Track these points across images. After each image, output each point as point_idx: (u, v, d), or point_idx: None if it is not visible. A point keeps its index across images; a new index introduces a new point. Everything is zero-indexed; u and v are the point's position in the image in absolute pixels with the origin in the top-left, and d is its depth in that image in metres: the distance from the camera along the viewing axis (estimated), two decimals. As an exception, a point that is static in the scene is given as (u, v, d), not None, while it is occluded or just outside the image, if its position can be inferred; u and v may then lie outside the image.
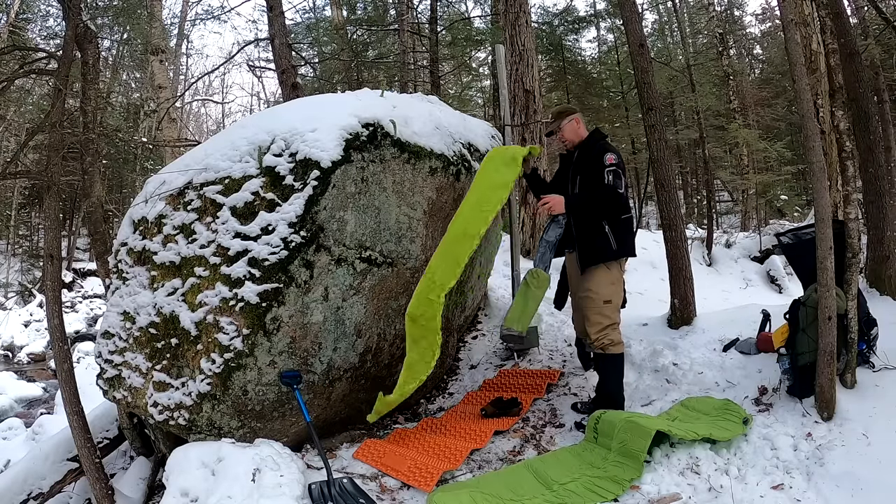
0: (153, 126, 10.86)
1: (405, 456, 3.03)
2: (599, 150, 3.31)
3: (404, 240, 3.41)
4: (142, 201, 3.34)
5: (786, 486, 2.48)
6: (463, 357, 4.67)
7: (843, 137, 3.32)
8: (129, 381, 3.11)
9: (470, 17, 13.51)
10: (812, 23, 4.02)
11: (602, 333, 3.27)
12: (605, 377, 3.36)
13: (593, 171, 3.26)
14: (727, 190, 15.62)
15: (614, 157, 3.24)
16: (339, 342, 3.21)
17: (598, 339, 3.27)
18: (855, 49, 4.20)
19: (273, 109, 3.82)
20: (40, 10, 14.21)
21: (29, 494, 3.48)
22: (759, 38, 18.25)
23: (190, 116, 23.64)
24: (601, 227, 3.25)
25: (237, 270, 2.86)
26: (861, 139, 4.19)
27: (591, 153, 3.34)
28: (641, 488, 2.61)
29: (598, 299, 3.28)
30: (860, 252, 3.14)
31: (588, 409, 3.43)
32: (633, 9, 4.65)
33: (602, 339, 3.27)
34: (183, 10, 16.51)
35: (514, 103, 6.54)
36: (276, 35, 6.37)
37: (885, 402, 2.82)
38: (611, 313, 3.30)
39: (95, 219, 4.22)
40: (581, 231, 3.32)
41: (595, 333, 3.28)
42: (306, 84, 10.62)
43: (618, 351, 3.31)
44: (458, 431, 3.38)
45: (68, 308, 12.71)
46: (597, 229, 3.26)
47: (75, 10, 3.80)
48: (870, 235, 4.19)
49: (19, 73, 4.32)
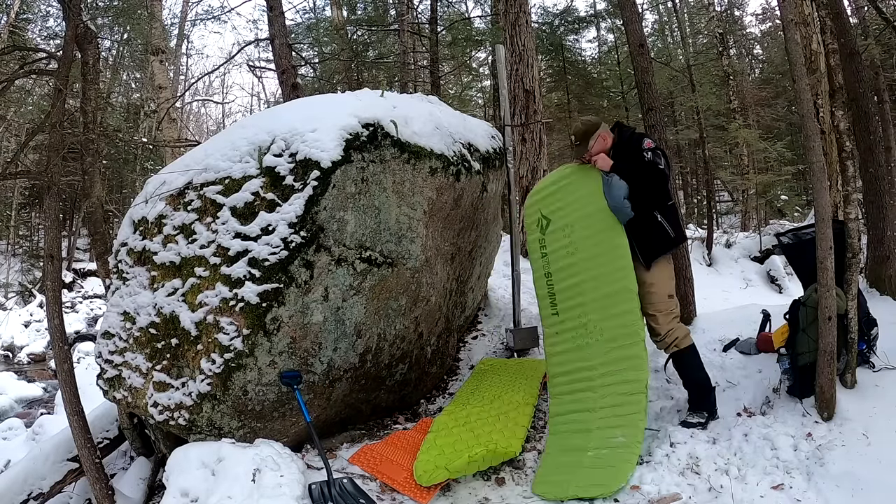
0: (153, 126, 10.86)
1: (402, 465, 3.02)
2: (636, 137, 3.19)
3: (404, 240, 3.41)
4: (142, 201, 3.34)
5: (786, 486, 2.48)
6: (463, 357, 4.67)
7: (843, 137, 3.31)
8: (129, 381, 3.11)
9: (470, 17, 13.51)
10: (812, 23, 4.02)
11: (671, 330, 3.18)
12: (690, 371, 3.25)
13: (634, 159, 3.11)
14: (727, 190, 15.61)
15: (651, 141, 3.15)
16: (339, 342, 3.21)
17: (668, 335, 3.19)
18: (855, 49, 4.20)
19: (273, 110, 3.83)
20: (40, 11, 14.22)
21: (29, 495, 3.48)
22: (759, 38, 18.23)
23: (190, 117, 23.64)
24: (654, 217, 3.14)
25: (237, 271, 2.86)
26: (861, 139, 4.19)
27: (627, 145, 3.20)
28: (642, 488, 2.62)
29: (662, 294, 3.19)
30: (860, 252, 3.13)
31: None
32: (633, 9, 4.65)
33: (673, 334, 3.19)
34: (183, 10, 16.52)
35: (514, 103, 6.53)
36: (276, 35, 6.37)
37: (885, 402, 2.82)
38: (675, 307, 3.24)
39: (95, 219, 4.22)
40: (635, 228, 3.16)
41: (665, 331, 3.18)
42: (306, 84, 10.62)
43: (690, 342, 3.23)
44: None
45: (68, 308, 12.70)
46: (650, 221, 3.13)
47: (75, 10, 3.80)
48: (870, 235, 4.19)
49: (19, 74, 4.32)
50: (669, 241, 3.18)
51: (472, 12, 14.48)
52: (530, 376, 3.93)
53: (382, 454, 3.17)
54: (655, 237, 3.15)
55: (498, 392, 3.73)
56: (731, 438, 2.86)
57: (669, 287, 3.23)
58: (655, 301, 3.18)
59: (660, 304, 3.19)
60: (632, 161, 3.12)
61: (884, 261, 4.04)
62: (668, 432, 3.05)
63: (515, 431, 3.22)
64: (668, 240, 3.17)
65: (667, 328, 3.19)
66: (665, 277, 3.22)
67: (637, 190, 3.10)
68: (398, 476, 2.94)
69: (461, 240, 4.13)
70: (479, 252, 4.57)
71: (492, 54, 12.64)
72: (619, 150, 3.25)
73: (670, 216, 3.18)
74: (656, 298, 3.18)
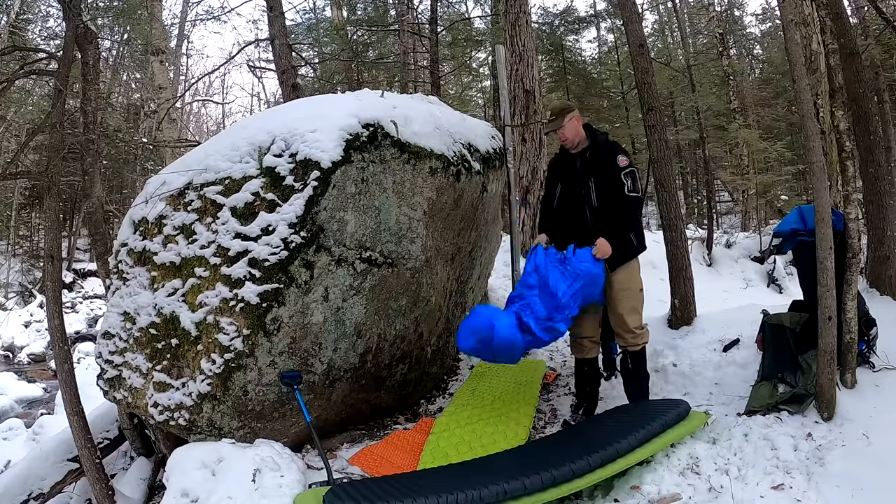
0: (153, 127, 10.84)
1: (401, 468, 3.01)
2: (609, 150, 3.23)
3: (404, 240, 3.41)
4: (142, 202, 3.34)
5: (786, 486, 2.48)
6: (463, 357, 4.67)
7: (843, 137, 3.31)
8: (129, 381, 3.11)
9: (470, 17, 13.52)
10: (812, 23, 4.00)
11: (640, 329, 3.23)
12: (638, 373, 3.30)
13: (608, 176, 3.17)
14: (727, 190, 15.61)
15: (626, 158, 3.19)
16: (339, 342, 3.21)
17: (637, 335, 3.23)
18: (855, 49, 4.20)
19: (273, 110, 3.83)
20: (40, 11, 14.21)
21: (29, 495, 3.48)
22: (759, 38, 18.24)
23: (190, 117, 23.63)
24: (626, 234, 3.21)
25: (237, 271, 2.86)
26: (861, 139, 4.19)
27: (600, 155, 3.25)
28: (642, 488, 2.61)
29: (634, 289, 3.24)
30: (860, 252, 3.14)
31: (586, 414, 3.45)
32: (633, 9, 4.65)
33: (642, 336, 3.24)
34: (183, 10, 16.55)
35: (514, 103, 6.54)
36: (276, 35, 6.37)
37: (885, 402, 2.82)
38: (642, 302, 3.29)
39: (96, 219, 4.23)
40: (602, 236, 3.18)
41: (635, 329, 3.22)
42: (306, 84, 10.62)
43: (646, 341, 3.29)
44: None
45: (69, 308, 12.69)
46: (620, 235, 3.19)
47: (75, 10, 3.80)
48: (870, 235, 4.19)
49: (19, 74, 4.32)
50: (633, 250, 3.25)
51: (472, 12, 14.50)
52: (530, 377, 3.93)
53: (382, 456, 3.17)
54: (621, 248, 3.18)
55: (498, 393, 3.74)
56: (731, 438, 2.85)
57: (639, 282, 3.29)
58: (628, 297, 3.22)
59: (631, 300, 3.23)
60: (606, 178, 3.18)
61: (884, 261, 4.04)
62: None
63: (518, 432, 3.22)
64: (631, 250, 3.23)
65: (635, 330, 3.23)
66: (633, 276, 3.26)
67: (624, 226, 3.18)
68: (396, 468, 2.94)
69: (461, 240, 4.12)
70: (480, 252, 4.56)
71: (492, 54, 12.64)
72: (593, 155, 3.29)
73: (637, 229, 3.26)
74: (629, 295, 3.23)
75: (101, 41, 9.62)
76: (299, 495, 2.49)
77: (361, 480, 2.78)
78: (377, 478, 2.78)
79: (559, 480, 2.43)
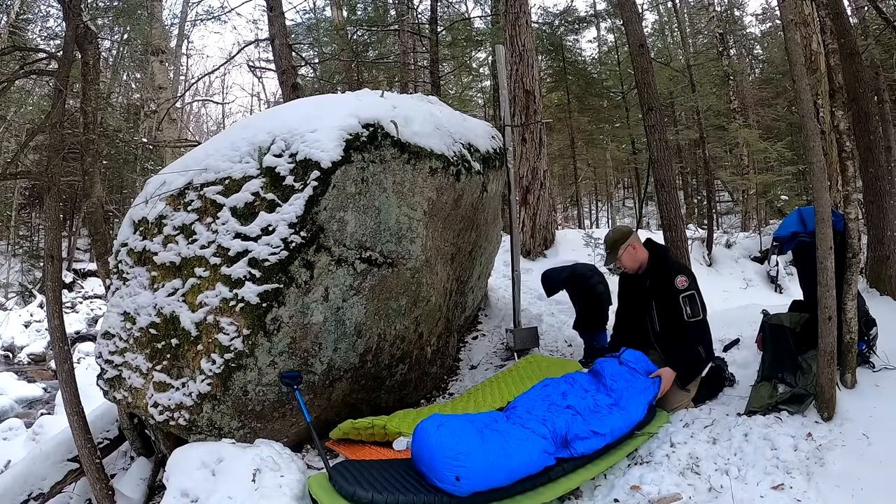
0: (153, 127, 10.86)
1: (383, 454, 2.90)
2: (669, 272, 3.25)
3: (404, 240, 3.41)
4: (142, 202, 3.34)
5: (786, 486, 2.47)
6: (463, 357, 4.67)
7: (843, 137, 3.31)
8: (129, 381, 3.11)
9: (470, 17, 13.52)
10: (812, 23, 4.01)
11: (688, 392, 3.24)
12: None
13: (668, 299, 3.21)
14: (727, 190, 15.61)
15: (685, 278, 3.21)
16: (339, 342, 3.21)
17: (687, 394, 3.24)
18: (855, 49, 4.21)
19: (273, 110, 3.83)
20: (40, 11, 14.23)
21: (29, 495, 3.48)
22: (759, 38, 18.23)
23: (190, 117, 23.65)
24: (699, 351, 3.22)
25: (237, 271, 2.86)
26: (861, 139, 4.20)
27: (661, 278, 3.28)
28: (642, 488, 2.61)
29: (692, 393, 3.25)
30: (860, 252, 3.13)
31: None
32: (633, 9, 4.66)
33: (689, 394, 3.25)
34: (183, 10, 16.55)
35: (514, 103, 6.54)
36: (276, 35, 6.38)
37: (885, 402, 2.82)
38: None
39: (96, 219, 4.23)
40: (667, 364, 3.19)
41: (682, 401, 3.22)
42: (306, 84, 10.63)
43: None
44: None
45: (69, 308, 12.69)
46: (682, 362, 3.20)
47: (75, 10, 3.80)
48: (870, 235, 4.19)
49: (20, 74, 4.32)
50: (703, 364, 3.26)
51: (472, 12, 14.51)
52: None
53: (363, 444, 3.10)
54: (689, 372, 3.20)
55: (498, 394, 3.73)
56: (731, 438, 2.85)
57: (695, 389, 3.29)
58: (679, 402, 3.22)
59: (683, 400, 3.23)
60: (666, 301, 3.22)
61: (884, 261, 4.04)
62: (668, 432, 3.05)
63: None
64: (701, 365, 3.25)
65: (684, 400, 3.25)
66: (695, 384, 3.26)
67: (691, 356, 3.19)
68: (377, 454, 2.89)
69: (461, 240, 4.13)
70: (480, 252, 4.57)
71: (492, 54, 12.65)
72: (654, 279, 3.32)
73: (706, 342, 3.24)
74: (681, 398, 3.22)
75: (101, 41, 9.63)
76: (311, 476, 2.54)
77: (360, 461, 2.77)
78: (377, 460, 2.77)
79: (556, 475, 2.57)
